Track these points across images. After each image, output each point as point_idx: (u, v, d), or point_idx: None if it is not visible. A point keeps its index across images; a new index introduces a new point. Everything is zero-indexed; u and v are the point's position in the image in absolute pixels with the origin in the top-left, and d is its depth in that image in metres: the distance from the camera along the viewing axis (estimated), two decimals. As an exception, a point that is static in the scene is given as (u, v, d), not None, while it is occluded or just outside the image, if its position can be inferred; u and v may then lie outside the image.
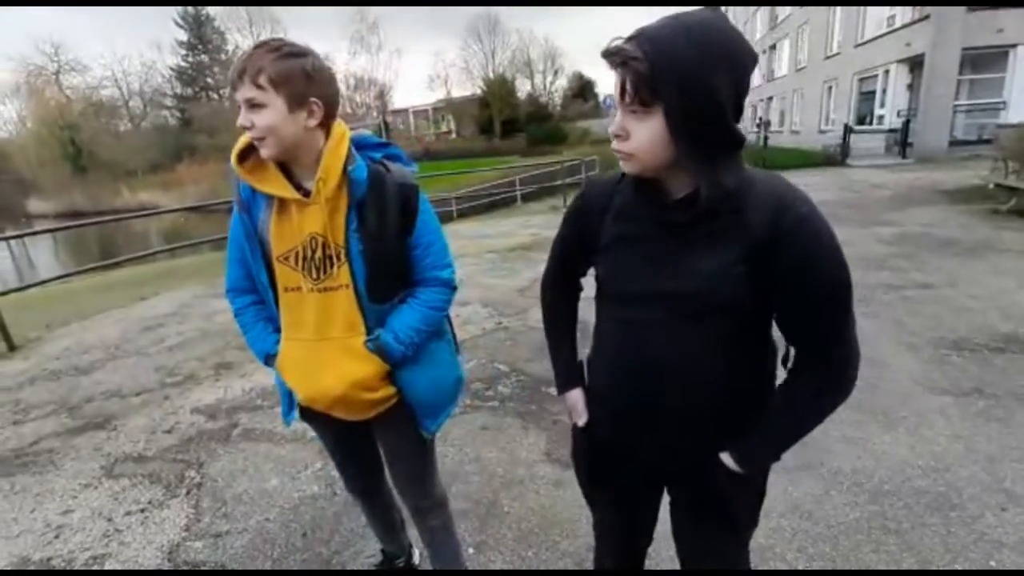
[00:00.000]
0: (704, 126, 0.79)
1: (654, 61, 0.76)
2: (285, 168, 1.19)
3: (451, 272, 1.35)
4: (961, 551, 1.78)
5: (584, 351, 1.21)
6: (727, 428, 0.97)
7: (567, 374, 1.23)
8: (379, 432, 1.46)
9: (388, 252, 1.23)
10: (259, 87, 1.07)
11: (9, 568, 2.04)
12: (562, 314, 1.26)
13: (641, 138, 0.83)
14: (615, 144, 0.87)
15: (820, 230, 0.83)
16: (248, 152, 1.17)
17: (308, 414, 1.38)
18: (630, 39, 0.80)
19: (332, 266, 1.21)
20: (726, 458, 0.98)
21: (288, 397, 1.38)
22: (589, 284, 1.14)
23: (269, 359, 1.33)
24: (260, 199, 1.22)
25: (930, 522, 1.91)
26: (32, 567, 2.03)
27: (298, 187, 1.18)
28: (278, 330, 1.32)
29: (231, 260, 1.34)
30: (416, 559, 1.86)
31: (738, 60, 0.79)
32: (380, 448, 1.51)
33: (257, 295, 1.34)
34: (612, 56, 0.81)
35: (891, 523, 1.92)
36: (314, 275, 1.22)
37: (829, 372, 0.91)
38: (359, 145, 1.24)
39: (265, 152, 1.13)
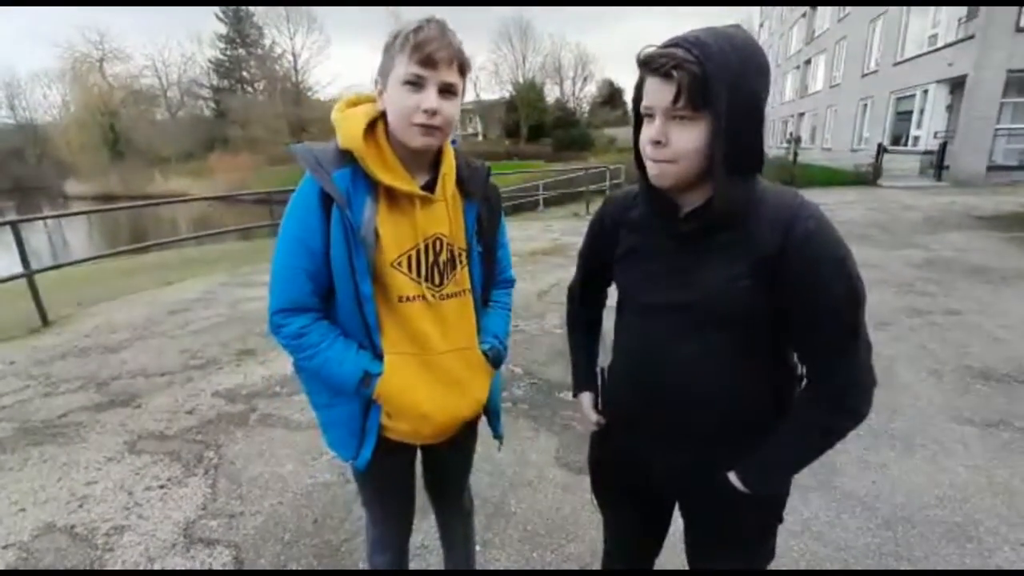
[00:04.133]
0: (743, 134, 0.80)
1: (706, 65, 0.76)
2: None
3: (513, 271, 1.35)
4: (975, 584, 1.74)
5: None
6: (739, 444, 0.95)
7: (581, 378, 1.25)
8: (442, 448, 1.28)
9: (493, 252, 1.21)
10: (461, 74, 1.00)
11: (37, 532, 2.13)
12: (583, 321, 1.28)
13: (683, 145, 0.81)
14: (652, 152, 0.84)
15: (828, 245, 0.82)
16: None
17: (382, 451, 1.16)
18: (672, 45, 0.79)
19: (455, 269, 1.13)
20: (732, 477, 0.96)
21: (360, 432, 1.15)
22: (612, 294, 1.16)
23: (367, 380, 1.07)
24: (361, 194, 1.02)
25: (944, 552, 1.87)
26: (57, 533, 2.11)
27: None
28: (361, 345, 1.10)
29: (290, 272, 1.04)
30: None
31: (768, 72, 0.82)
32: (435, 459, 1.39)
33: (320, 312, 1.08)
34: (661, 60, 0.78)
35: (904, 550, 1.88)
36: (437, 280, 1.11)
37: (836, 394, 0.87)
38: None
39: (437, 142, 1.03)
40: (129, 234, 19.41)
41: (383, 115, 1.04)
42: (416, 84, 0.96)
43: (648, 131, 0.84)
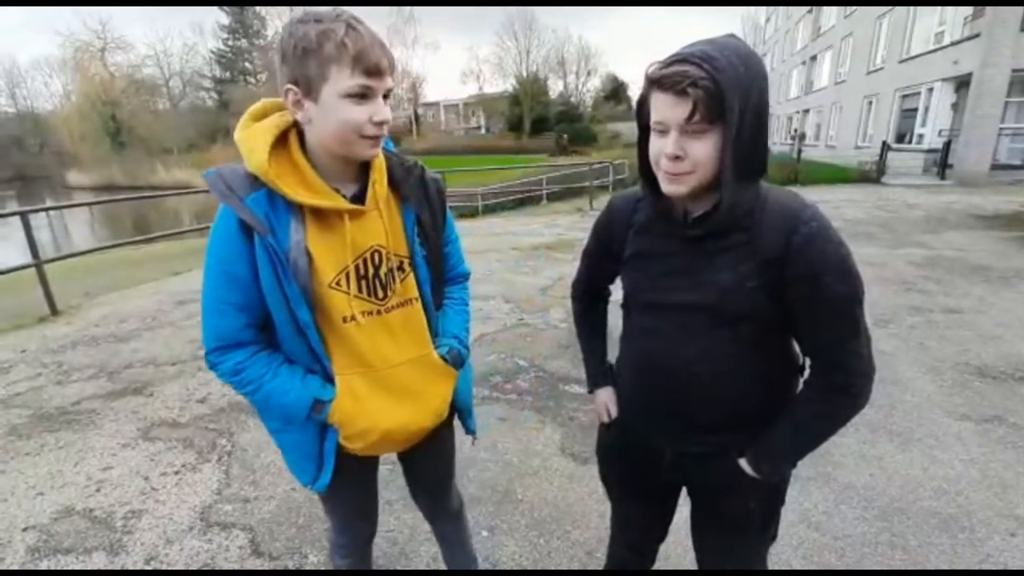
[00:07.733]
0: (751, 140, 0.84)
1: (719, 80, 0.79)
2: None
3: (467, 264, 1.29)
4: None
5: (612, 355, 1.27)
6: (747, 432, 1.01)
7: (597, 374, 1.29)
8: (415, 452, 1.27)
9: (440, 253, 1.14)
10: (393, 77, 0.93)
11: (56, 515, 2.20)
12: (592, 318, 1.33)
13: (699, 156, 0.85)
14: (670, 166, 0.87)
15: (829, 246, 0.86)
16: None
17: (344, 469, 1.13)
18: (680, 61, 0.81)
19: (396, 280, 1.06)
20: (743, 463, 1.02)
21: (317, 456, 1.11)
22: (616, 288, 1.21)
23: (318, 407, 1.03)
24: (283, 215, 0.94)
25: (937, 541, 1.93)
26: (76, 517, 2.18)
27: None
28: (310, 370, 1.05)
29: (217, 308, 0.98)
30: None
31: (767, 78, 0.86)
32: (412, 468, 1.38)
33: (258, 344, 1.03)
34: (675, 79, 0.81)
35: (899, 539, 1.94)
36: (380, 295, 1.04)
37: (840, 384, 0.93)
38: None
39: (377, 150, 0.96)
40: (132, 225, 19.44)
41: (294, 125, 0.96)
42: (363, 96, 0.88)
43: (663, 145, 0.87)
